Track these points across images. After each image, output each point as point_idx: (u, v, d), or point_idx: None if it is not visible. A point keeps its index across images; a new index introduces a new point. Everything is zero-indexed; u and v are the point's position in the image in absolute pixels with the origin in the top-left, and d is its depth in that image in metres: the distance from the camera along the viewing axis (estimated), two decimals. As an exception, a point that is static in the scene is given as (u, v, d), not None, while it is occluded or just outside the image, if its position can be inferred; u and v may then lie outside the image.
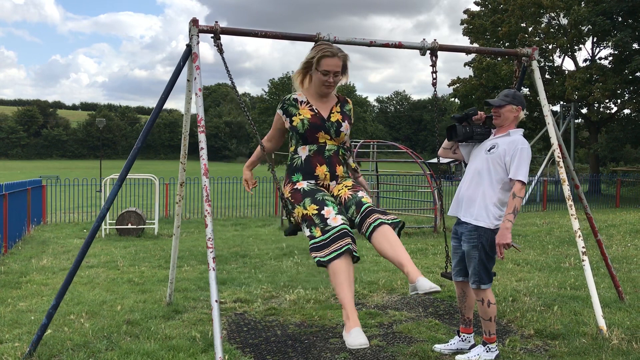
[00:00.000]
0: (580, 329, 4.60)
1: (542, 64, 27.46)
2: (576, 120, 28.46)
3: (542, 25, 27.09)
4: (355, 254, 3.25)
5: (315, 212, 3.33)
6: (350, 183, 3.62)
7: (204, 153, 3.84)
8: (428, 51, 4.59)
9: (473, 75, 28.81)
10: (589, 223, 5.38)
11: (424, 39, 4.61)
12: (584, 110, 28.36)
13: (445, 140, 4.30)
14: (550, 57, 28.01)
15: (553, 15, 26.85)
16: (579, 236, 4.73)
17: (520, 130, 4.04)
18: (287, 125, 3.68)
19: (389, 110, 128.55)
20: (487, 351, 3.95)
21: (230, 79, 4.08)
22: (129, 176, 12.02)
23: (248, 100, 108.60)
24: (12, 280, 6.67)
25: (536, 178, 22.26)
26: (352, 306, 3.15)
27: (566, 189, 4.85)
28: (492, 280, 3.99)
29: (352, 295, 3.18)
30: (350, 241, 3.23)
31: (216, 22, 4.10)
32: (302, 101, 3.68)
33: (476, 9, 29.93)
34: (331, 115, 3.66)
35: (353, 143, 3.59)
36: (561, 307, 5.29)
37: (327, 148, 3.63)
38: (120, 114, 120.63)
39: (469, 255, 3.92)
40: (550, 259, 8.16)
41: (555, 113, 27.16)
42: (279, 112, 3.71)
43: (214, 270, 3.56)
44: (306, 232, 3.39)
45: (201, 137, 3.89)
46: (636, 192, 24.85)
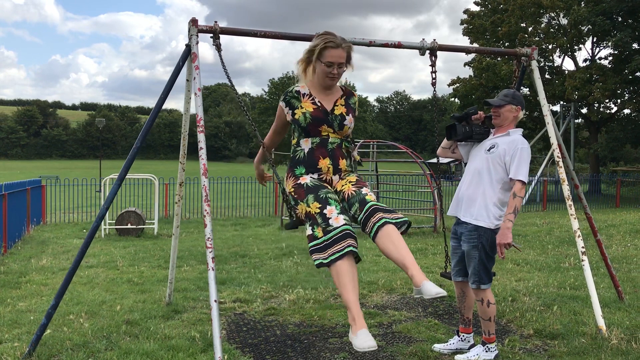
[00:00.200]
0: (579, 328, 4.60)
1: (542, 64, 27.46)
2: (576, 120, 28.45)
3: (542, 25, 27.09)
4: (355, 251, 3.19)
5: (318, 211, 3.27)
6: (354, 178, 3.54)
7: (203, 153, 3.84)
8: (427, 51, 4.59)
9: (473, 75, 28.80)
10: (588, 223, 5.38)
11: (423, 39, 4.61)
12: (584, 110, 28.36)
13: (445, 140, 4.29)
14: (550, 57, 28.01)
15: (553, 15, 26.85)
16: (579, 236, 4.73)
17: (520, 130, 4.04)
18: (289, 118, 3.60)
19: (389, 110, 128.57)
20: (487, 351, 3.95)
21: (228, 77, 4.08)
22: (129, 176, 12.03)
23: (248, 100, 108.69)
24: (12, 280, 6.67)
25: (536, 178, 22.26)
26: (358, 307, 3.10)
27: (566, 189, 4.85)
28: (492, 280, 3.99)
29: (357, 296, 3.13)
30: (353, 242, 3.19)
31: (215, 22, 4.11)
32: (305, 94, 3.59)
33: (476, 9, 29.93)
34: (335, 108, 3.58)
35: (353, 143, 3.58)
36: (561, 307, 5.29)
37: (330, 141, 3.54)
38: (120, 114, 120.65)
39: (468, 255, 3.92)
40: (550, 259, 8.16)
41: (555, 113, 27.16)
42: (282, 105, 3.63)
43: (213, 270, 3.56)
44: (308, 231, 3.33)
45: (200, 137, 3.89)
46: (636, 192, 24.85)
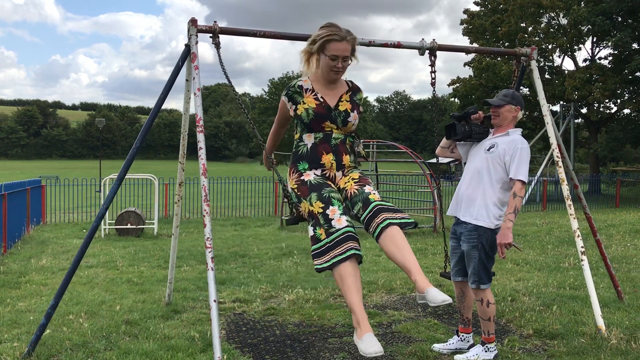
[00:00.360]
0: (579, 328, 4.60)
1: (542, 64, 27.46)
2: (576, 120, 28.43)
3: (542, 25, 27.08)
4: (359, 254, 3.14)
5: (321, 211, 3.22)
6: (357, 175, 3.48)
7: (202, 153, 3.84)
8: (427, 51, 4.59)
9: (473, 75, 28.78)
10: (588, 223, 5.38)
11: (422, 39, 4.61)
12: (584, 110, 28.34)
13: (444, 139, 4.29)
14: (550, 57, 28.00)
15: (553, 15, 26.84)
16: (578, 236, 4.73)
17: (519, 130, 4.04)
18: (292, 113, 3.55)
19: (389, 110, 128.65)
20: (486, 351, 3.95)
21: (227, 76, 4.08)
22: (129, 176, 12.05)
23: (248, 100, 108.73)
24: (12, 280, 6.67)
25: (536, 178, 22.25)
26: (362, 311, 3.04)
27: (565, 189, 4.85)
28: (492, 280, 3.99)
29: (361, 299, 3.07)
30: (355, 244, 3.13)
31: (215, 22, 4.11)
32: (307, 88, 3.51)
33: (476, 9, 29.92)
34: (339, 103, 3.51)
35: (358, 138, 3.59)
36: (560, 307, 5.29)
37: (334, 136, 3.48)
38: (120, 114, 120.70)
39: (468, 255, 3.92)
40: (550, 259, 8.16)
41: (555, 113, 27.16)
42: (284, 99, 3.57)
43: (212, 270, 3.56)
44: (310, 232, 3.28)
45: (200, 137, 3.89)
46: (636, 192, 24.85)
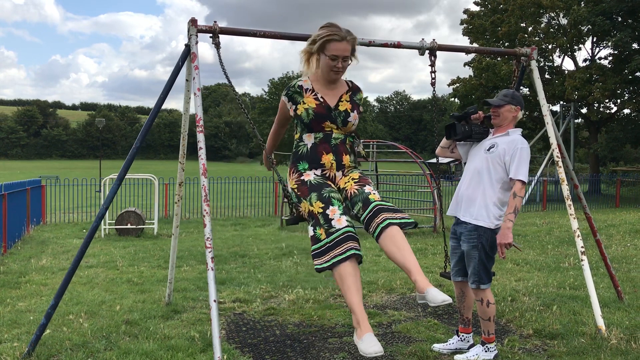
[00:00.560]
0: (579, 328, 4.60)
1: (542, 64, 27.45)
2: (576, 120, 28.43)
3: (542, 25, 27.08)
4: (358, 254, 3.14)
5: (321, 211, 3.22)
6: (357, 175, 3.48)
7: (202, 153, 3.84)
8: (427, 51, 4.59)
9: (473, 75, 28.79)
10: (588, 223, 5.38)
11: (422, 39, 4.61)
12: (584, 110, 28.34)
13: (444, 139, 4.29)
14: (550, 57, 28.00)
15: (553, 15, 26.84)
16: (578, 236, 4.73)
17: (519, 130, 4.04)
18: (292, 112, 3.55)
19: (389, 110, 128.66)
20: (486, 351, 3.95)
21: (226, 76, 4.09)
22: (129, 176, 12.05)
23: (248, 100, 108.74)
24: (11, 280, 6.67)
25: (536, 178, 22.25)
26: (362, 311, 3.03)
27: (565, 189, 4.85)
28: (492, 280, 3.99)
29: (361, 299, 3.07)
30: (355, 244, 3.13)
31: (215, 22, 4.11)
32: (307, 89, 3.51)
33: (476, 9, 29.93)
34: (339, 103, 3.50)
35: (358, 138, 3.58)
36: (560, 307, 5.29)
37: (334, 136, 3.48)
38: (120, 114, 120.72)
39: (468, 255, 3.92)
40: (550, 259, 8.16)
41: (555, 113, 27.16)
42: (284, 99, 3.57)
43: (212, 270, 3.56)
44: (310, 232, 3.28)
45: (200, 137, 3.89)
46: (636, 192, 24.85)
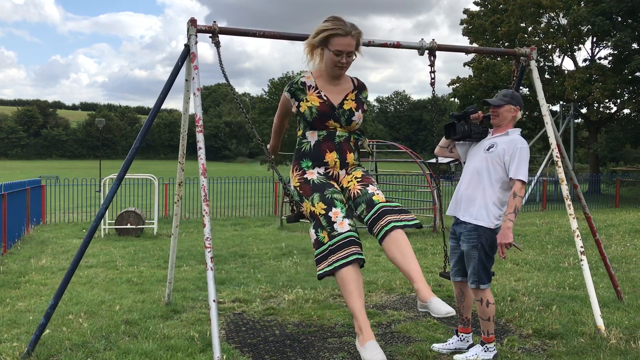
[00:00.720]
0: (578, 328, 4.60)
1: (542, 64, 27.46)
2: (576, 120, 28.44)
3: (542, 25, 27.09)
4: (361, 258, 3.10)
5: (323, 212, 3.17)
6: (360, 174, 3.41)
7: (202, 153, 3.85)
8: (426, 51, 4.59)
9: (473, 75, 28.81)
10: (587, 223, 5.38)
11: (422, 39, 4.61)
12: (584, 110, 28.36)
13: (443, 139, 4.28)
14: (550, 57, 28.01)
15: (552, 15, 26.85)
16: (578, 236, 4.73)
17: (518, 130, 4.04)
18: (294, 109, 3.48)
19: (389, 110, 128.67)
20: (485, 351, 3.95)
21: (225, 76, 4.10)
22: (129, 176, 12.06)
23: (248, 100, 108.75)
24: (11, 280, 6.67)
25: (536, 178, 22.26)
26: (364, 317, 3.00)
27: (564, 189, 4.85)
28: (491, 280, 3.99)
29: (363, 304, 3.03)
30: (358, 249, 3.08)
31: (214, 22, 4.11)
32: (311, 86, 3.43)
33: (476, 9, 29.94)
34: (344, 102, 3.43)
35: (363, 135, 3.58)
36: (560, 307, 5.29)
37: (338, 134, 3.41)
38: (120, 114, 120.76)
39: (468, 255, 3.92)
40: (550, 259, 8.16)
41: (555, 113, 27.18)
42: (287, 95, 3.49)
43: (212, 270, 3.56)
44: (312, 235, 3.23)
45: (199, 137, 3.90)
46: (636, 192, 24.85)
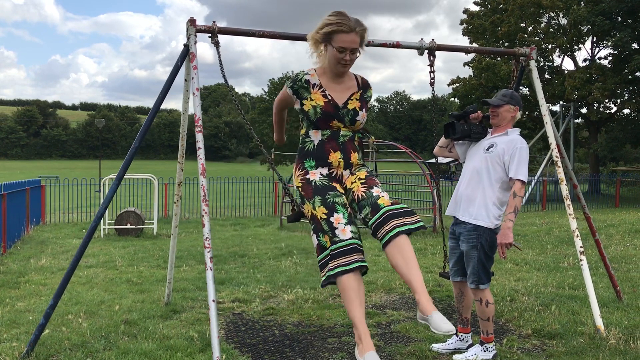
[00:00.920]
0: (578, 328, 4.60)
1: (542, 64, 27.47)
2: (576, 120, 28.44)
3: (542, 25, 27.10)
4: (363, 265, 3.04)
5: (325, 217, 3.10)
6: (364, 175, 3.34)
7: (201, 153, 3.85)
8: (426, 51, 4.59)
9: (472, 75, 28.81)
10: (587, 223, 5.38)
11: (421, 39, 4.60)
12: (584, 110, 28.36)
13: (442, 138, 4.28)
14: (550, 57, 28.01)
15: (552, 15, 26.86)
16: (577, 236, 4.73)
17: (517, 130, 4.04)
18: (297, 107, 3.39)
19: (389, 110, 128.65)
20: (485, 351, 3.95)
21: (224, 77, 4.11)
22: (128, 176, 12.06)
23: (248, 100, 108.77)
24: (11, 280, 6.67)
25: (536, 178, 22.25)
26: (364, 326, 2.95)
27: (564, 189, 4.85)
28: (491, 280, 3.99)
29: (364, 313, 2.98)
30: (361, 256, 3.03)
31: (214, 22, 4.11)
32: (315, 84, 3.34)
33: (476, 9, 29.95)
34: (349, 102, 3.35)
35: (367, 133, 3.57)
36: (559, 307, 5.29)
37: (342, 134, 3.34)
38: (119, 114, 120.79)
39: (467, 255, 3.91)
40: (549, 259, 8.16)
41: (555, 113, 27.19)
42: (289, 91, 3.39)
43: (211, 270, 3.57)
44: (314, 240, 3.17)
45: (199, 137, 3.90)
46: (636, 192, 24.85)
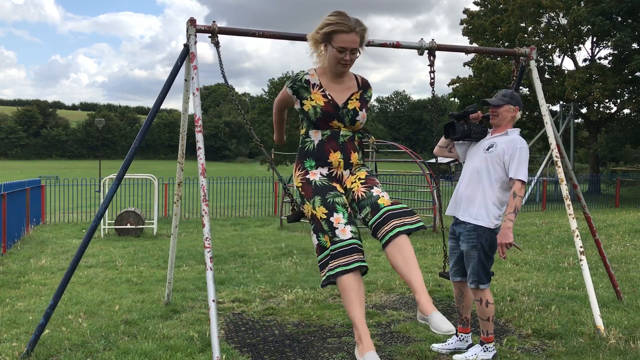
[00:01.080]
0: (577, 328, 4.60)
1: (542, 64, 27.48)
2: (576, 120, 28.45)
3: (542, 25, 27.10)
4: (363, 265, 3.04)
5: (325, 217, 3.10)
6: (364, 175, 3.33)
7: (201, 153, 3.85)
8: (426, 51, 4.59)
9: (472, 75, 28.81)
10: (587, 223, 5.37)
11: (421, 39, 4.60)
12: (584, 110, 28.36)
13: (442, 138, 4.28)
14: (550, 57, 28.02)
15: (552, 15, 26.86)
16: (577, 236, 4.72)
17: (517, 130, 4.04)
18: (297, 107, 3.39)
19: (389, 110, 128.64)
20: (485, 351, 3.95)
21: (224, 77, 4.12)
22: (128, 176, 12.07)
23: (248, 100, 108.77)
24: (11, 280, 6.67)
25: (536, 178, 22.26)
26: (364, 326, 2.94)
27: (564, 189, 4.85)
28: (491, 280, 3.99)
29: (364, 313, 2.97)
30: (361, 257, 3.03)
31: (214, 22, 4.11)
32: (315, 84, 3.33)
33: (476, 9, 29.95)
34: (349, 102, 3.35)
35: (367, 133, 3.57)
36: (559, 307, 5.29)
37: (342, 134, 3.34)
38: (119, 114, 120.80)
39: (467, 255, 3.91)
40: (549, 259, 8.16)
41: (555, 113, 27.19)
42: (289, 91, 3.39)
43: (211, 270, 3.57)
44: (314, 240, 3.17)
45: (199, 137, 3.90)
46: (636, 192, 24.85)
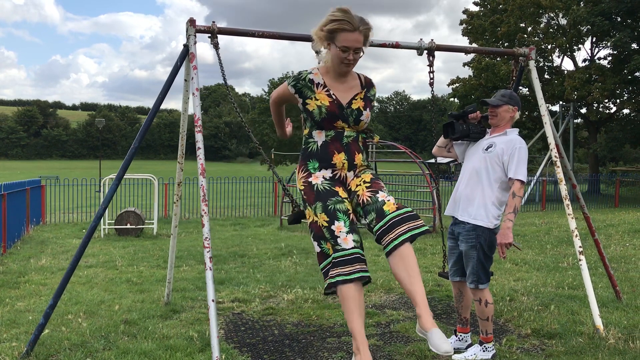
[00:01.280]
0: (577, 328, 4.60)
1: (542, 64, 27.48)
2: (575, 120, 28.45)
3: (541, 26, 27.10)
4: (365, 276, 3.02)
5: (326, 225, 3.06)
6: (369, 177, 3.28)
7: (201, 153, 3.86)
8: (425, 51, 4.59)
9: (472, 75, 28.81)
10: (586, 223, 5.38)
11: (421, 39, 4.61)
12: (583, 110, 28.36)
13: (441, 138, 4.28)
14: (550, 57, 28.02)
15: (552, 15, 26.87)
16: (576, 236, 4.73)
17: (516, 130, 4.04)
18: (300, 106, 3.33)
19: (389, 110, 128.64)
20: (484, 350, 3.96)
21: (223, 77, 4.13)
22: (128, 176, 12.08)
23: (248, 100, 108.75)
24: (11, 280, 6.68)
25: (535, 178, 22.26)
26: (363, 337, 2.93)
27: (563, 189, 4.85)
28: (490, 280, 4.00)
29: (363, 324, 2.96)
30: (363, 266, 3.00)
31: (213, 22, 4.12)
32: (319, 83, 3.28)
33: (475, 9, 29.95)
34: (353, 101, 3.30)
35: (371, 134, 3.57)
36: (558, 307, 5.30)
37: (346, 134, 3.29)
38: (120, 114, 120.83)
39: (467, 255, 3.92)
40: (549, 259, 8.17)
41: (554, 113, 27.18)
42: (291, 90, 3.31)
43: (210, 270, 3.57)
44: (316, 248, 3.15)
45: (198, 137, 3.90)
46: (635, 192, 24.87)
